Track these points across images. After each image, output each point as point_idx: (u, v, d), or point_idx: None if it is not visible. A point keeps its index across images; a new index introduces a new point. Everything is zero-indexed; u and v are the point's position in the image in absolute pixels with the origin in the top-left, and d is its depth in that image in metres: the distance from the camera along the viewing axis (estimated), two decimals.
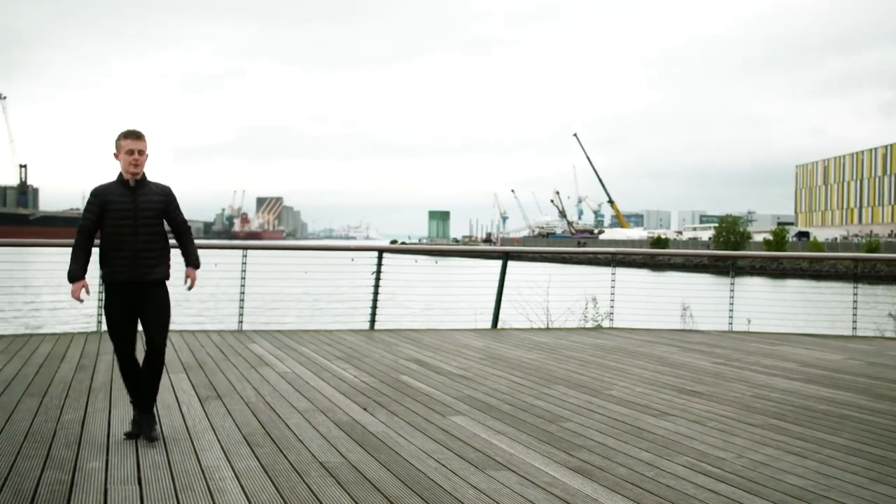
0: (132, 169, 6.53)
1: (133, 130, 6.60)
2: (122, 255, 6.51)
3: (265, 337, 12.88)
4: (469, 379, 9.53)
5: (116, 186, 6.57)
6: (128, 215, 6.50)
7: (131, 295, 6.59)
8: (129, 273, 6.54)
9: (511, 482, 5.57)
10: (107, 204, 6.49)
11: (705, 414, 7.88)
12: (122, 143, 6.53)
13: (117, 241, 6.50)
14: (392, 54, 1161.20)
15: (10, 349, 10.98)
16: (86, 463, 5.86)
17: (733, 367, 10.82)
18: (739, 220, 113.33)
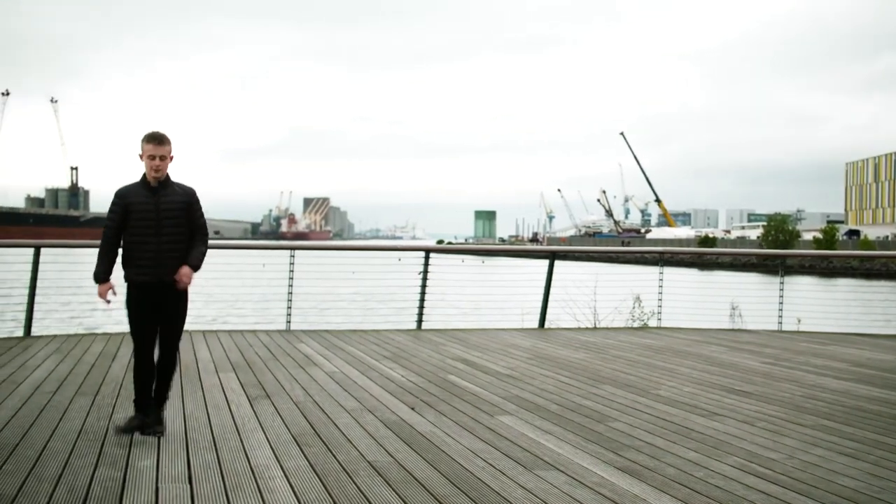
0: (153, 174, 6.59)
1: (156, 135, 6.62)
2: (145, 257, 6.57)
3: (313, 337, 12.95)
4: (516, 378, 9.52)
5: (139, 188, 6.62)
6: (150, 216, 6.56)
7: (153, 295, 6.65)
8: (151, 274, 6.60)
9: (559, 482, 5.56)
10: (129, 205, 6.55)
11: (755, 414, 7.81)
12: (145, 147, 6.58)
13: (140, 242, 6.56)
14: (438, 54, 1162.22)
15: (63, 349, 11.13)
16: (137, 461, 5.93)
17: (783, 367, 10.72)
18: (788, 219, 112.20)
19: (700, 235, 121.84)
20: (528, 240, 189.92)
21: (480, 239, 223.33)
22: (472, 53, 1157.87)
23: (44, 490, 5.23)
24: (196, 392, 8.43)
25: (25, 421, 7.07)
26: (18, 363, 9.96)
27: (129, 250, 6.60)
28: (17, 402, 7.79)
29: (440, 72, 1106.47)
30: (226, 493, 5.25)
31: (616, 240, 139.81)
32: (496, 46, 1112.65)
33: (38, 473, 5.59)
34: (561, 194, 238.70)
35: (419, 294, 14.86)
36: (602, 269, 23.46)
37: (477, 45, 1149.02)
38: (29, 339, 12.27)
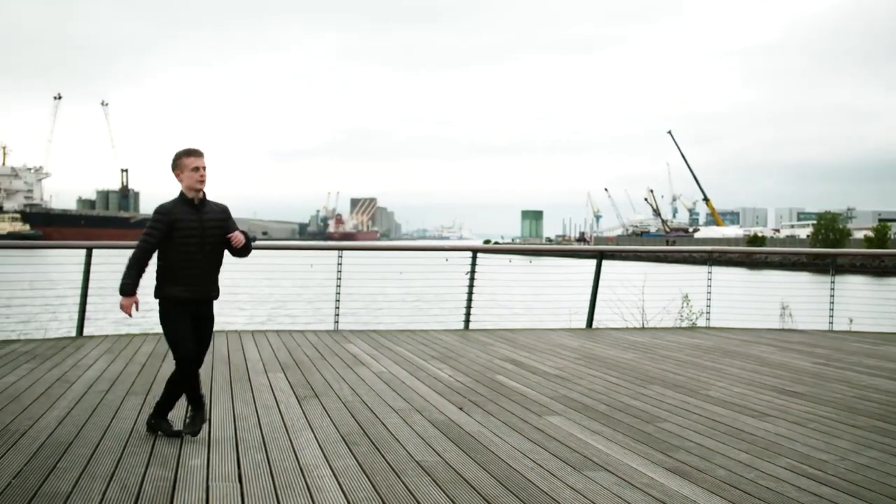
0: (198, 185, 6.59)
1: (194, 149, 6.66)
2: (194, 274, 6.60)
3: (361, 337, 12.99)
4: (564, 379, 9.50)
5: (182, 206, 6.61)
6: (195, 234, 6.57)
7: (193, 311, 6.68)
8: (197, 291, 6.64)
9: (608, 483, 5.54)
10: (175, 223, 6.54)
11: (806, 415, 7.74)
12: (186, 161, 6.58)
13: (187, 259, 6.56)
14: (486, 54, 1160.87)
15: (114, 349, 11.26)
16: (188, 460, 5.99)
17: (834, 368, 10.60)
18: (839, 217, 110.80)
19: (749, 234, 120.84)
20: (574, 239, 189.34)
21: (527, 239, 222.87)
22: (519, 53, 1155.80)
23: (97, 488, 5.29)
24: (245, 392, 8.50)
25: (79, 419, 7.17)
26: (71, 363, 10.09)
27: (175, 268, 6.58)
28: (70, 401, 7.90)
29: (488, 72, 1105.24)
30: (275, 492, 5.28)
31: (663, 239, 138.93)
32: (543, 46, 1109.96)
33: (91, 471, 5.66)
34: (608, 194, 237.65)
35: (467, 294, 14.86)
36: (650, 269, 23.36)
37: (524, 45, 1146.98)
38: (81, 338, 12.43)
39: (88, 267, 13.17)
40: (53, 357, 10.47)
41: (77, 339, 12.28)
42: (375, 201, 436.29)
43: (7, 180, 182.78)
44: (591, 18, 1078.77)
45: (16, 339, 12.29)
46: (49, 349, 11.13)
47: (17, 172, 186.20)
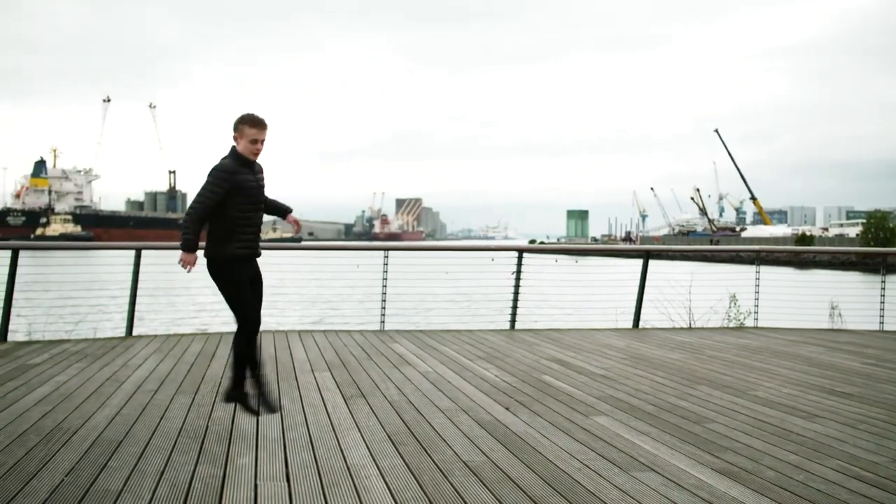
0: (253, 157, 6.82)
1: (259, 119, 6.82)
2: (250, 232, 6.83)
3: (407, 337, 13.02)
4: (611, 379, 9.46)
5: (240, 166, 6.77)
6: (255, 193, 6.81)
7: (249, 268, 6.90)
8: (252, 248, 6.87)
9: (655, 483, 5.52)
10: (240, 182, 6.70)
11: (856, 416, 7.65)
12: (248, 131, 6.75)
13: (246, 218, 6.78)
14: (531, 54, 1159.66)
15: (163, 348, 11.37)
16: (236, 458, 6.04)
17: (885, 368, 10.48)
18: (889, 216, 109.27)
19: (797, 233, 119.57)
20: (620, 239, 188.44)
21: (573, 238, 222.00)
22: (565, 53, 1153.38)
23: (147, 486, 5.35)
24: (292, 391, 8.55)
25: (129, 418, 7.25)
26: (121, 362, 10.21)
27: (233, 226, 6.75)
28: (120, 400, 7.99)
29: (534, 71, 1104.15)
30: (323, 491, 5.31)
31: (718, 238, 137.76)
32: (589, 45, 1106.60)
33: (141, 469, 5.73)
34: (654, 193, 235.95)
35: (512, 294, 14.85)
36: (697, 269, 23.15)
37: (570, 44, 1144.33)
38: (131, 338, 12.56)
39: (138, 267, 13.32)
40: (103, 357, 10.60)
41: (126, 339, 12.42)
42: (421, 201, 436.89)
43: (58, 182, 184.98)
44: (638, 17, 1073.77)
45: (67, 339, 12.45)
46: (99, 349, 11.27)
47: (67, 175, 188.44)
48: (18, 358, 10.44)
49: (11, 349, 11.22)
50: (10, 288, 12.37)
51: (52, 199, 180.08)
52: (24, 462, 5.87)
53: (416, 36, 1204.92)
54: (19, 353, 10.79)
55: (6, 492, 5.19)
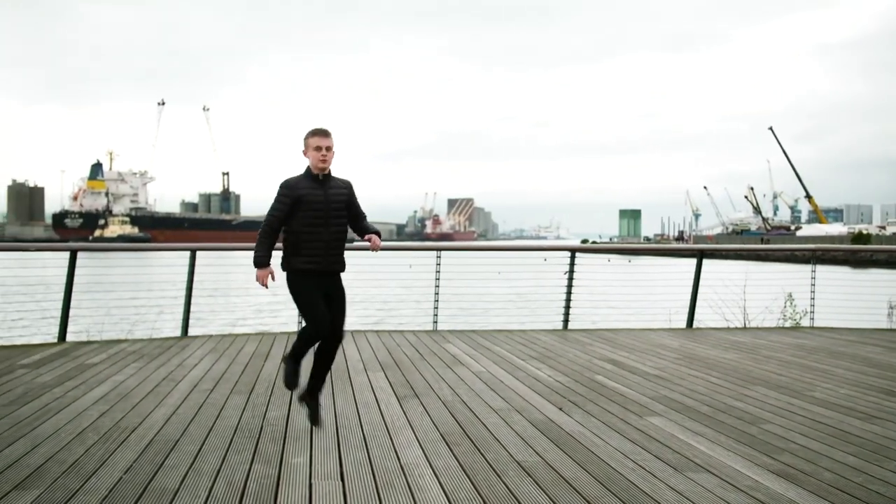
0: (321, 165, 6.81)
1: (321, 129, 6.86)
2: (317, 247, 6.78)
3: (460, 337, 13.03)
4: (665, 379, 9.40)
5: (306, 180, 6.83)
6: (320, 208, 6.77)
7: (322, 283, 6.87)
8: (321, 263, 6.82)
9: (711, 485, 5.47)
10: (300, 197, 6.74)
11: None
12: (310, 141, 6.81)
13: (310, 232, 6.76)
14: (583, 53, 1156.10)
15: (218, 348, 11.48)
16: (291, 458, 6.08)
17: None
18: None
19: (853, 232, 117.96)
20: (673, 238, 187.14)
21: (625, 238, 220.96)
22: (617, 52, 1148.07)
23: (203, 484, 5.41)
24: (346, 391, 8.59)
25: (185, 417, 7.33)
26: (177, 362, 10.32)
27: (298, 241, 6.79)
28: (177, 399, 8.08)
29: (586, 71, 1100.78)
30: (377, 490, 5.33)
31: (769, 237, 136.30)
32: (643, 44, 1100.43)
33: (197, 468, 5.78)
34: (707, 192, 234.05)
35: (565, 294, 14.80)
36: (751, 268, 22.97)
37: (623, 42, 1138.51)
38: (186, 338, 12.70)
39: (193, 268, 13.45)
40: (160, 356, 10.72)
41: (182, 339, 12.55)
42: (472, 201, 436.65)
43: (114, 185, 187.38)
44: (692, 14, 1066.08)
45: (124, 339, 12.61)
46: (156, 349, 11.40)
47: (123, 177, 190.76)
48: (77, 358, 10.60)
49: (70, 349, 11.38)
50: (69, 289, 12.55)
51: (110, 200, 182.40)
52: (83, 460, 5.96)
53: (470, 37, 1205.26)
54: (78, 353, 10.95)
55: (67, 489, 5.27)
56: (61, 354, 10.87)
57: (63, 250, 13.01)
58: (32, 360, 10.43)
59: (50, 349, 11.40)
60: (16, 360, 10.35)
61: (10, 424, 7.02)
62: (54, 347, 11.60)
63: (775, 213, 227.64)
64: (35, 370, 9.70)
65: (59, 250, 13.60)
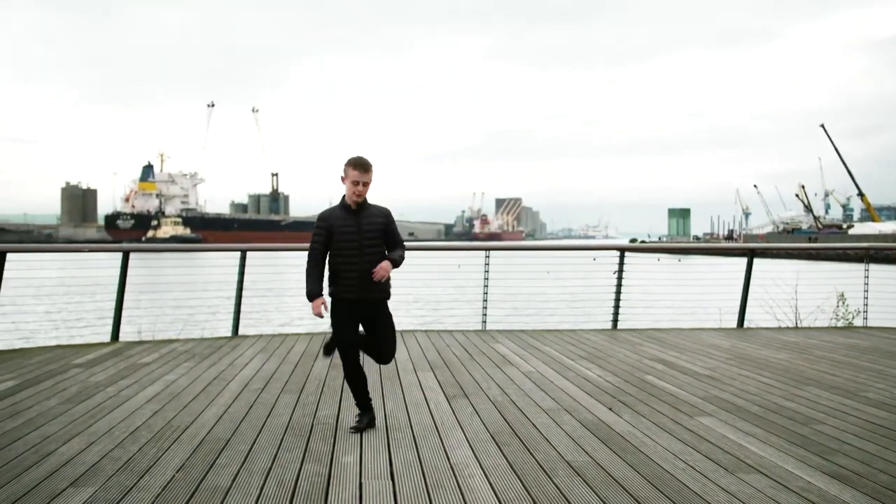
0: (355, 198, 6.84)
1: (362, 162, 6.84)
2: (351, 277, 6.82)
3: (509, 336, 13.02)
4: (715, 379, 9.33)
5: (340, 211, 6.89)
6: (353, 238, 6.81)
7: (359, 310, 6.92)
8: (357, 292, 6.85)
9: (763, 486, 5.43)
10: (332, 228, 6.82)
11: None
12: (349, 172, 6.82)
13: (345, 263, 6.82)
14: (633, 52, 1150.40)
15: (268, 348, 11.56)
16: (341, 457, 6.11)
17: None
18: None
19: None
20: (723, 237, 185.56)
21: (674, 237, 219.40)
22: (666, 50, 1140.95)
23: (255, 483, 5.45)
24: (396, 390, 8.62)
25: (236, 416, 7.39)
26: (228, 361, 10.41)
27: (336, 271, 6.87)
28: (228, 399, 8.15)
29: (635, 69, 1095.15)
30: (427, 490, 5.34)
31: (817, 236, 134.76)
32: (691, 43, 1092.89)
33: (249, 467, 5.83)
34: (757, 190, 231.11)
35: (614, 293, 14.74)
36: (802, 267, 22.72)
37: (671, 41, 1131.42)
38: (237, 338, 12.80)
39: (243, 269, 13.56)
40: (211, 356, 10.82)
41: (233, 339, 12.65)
42: (520, 201, 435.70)
43: (165, 186, 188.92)
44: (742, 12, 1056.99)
45: (175, 339, 12.73)
46: (206, 348, 11.51)
47: (173, 178, 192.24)
48: (130, 357, 10.72)
49: (123, 348, 11.52)
50: (122, 289, 12.70)
51: (162, 201, 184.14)
52: (136, 458, 6.04)
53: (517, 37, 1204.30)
54: (131, 353, 11.08)
55: (121, 486, 5.34)
56: (114, 354, 11.01)
57: (116, 251, 13.16)
58: (86, 359, 10.58)
59: (103, 349, 11.54)
60: (70, 360, 10.50)
61: (66, 423, 7.12)
62: (107, 347, 11.75)
63: (827, 211, 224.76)
64: (89, 369, 9.83)
65: (112, 251, 13.75)
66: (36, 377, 9.33)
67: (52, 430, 6.86)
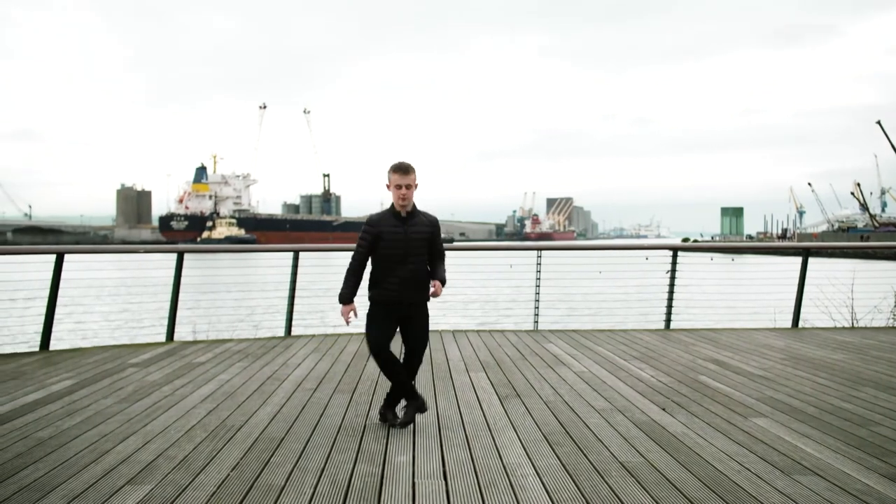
0: (400, 202, 6.89)
1: (402, 165, 6.90)
2: (393, 281, 6.88)
3: (561, 336, 12.98)
4: (770, 380, 9.24)
5: (389, 217, 6.93)
6: (399, 245, 6.86)
7: (397, 313, 6.96)
8: (397, 295, 6.89)
9: (820, 488, 5.36)
10: (380, 234, 6.86)
11: None
12: (392, 177, 6.90)
13: (389, 267, 6.87)
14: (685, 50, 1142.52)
15: (321, 348, 11.62)
16: (394, 457, 6.13)
17: None
18: None
19: None
20: (777, 236, 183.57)
21: (727, 236, 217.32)
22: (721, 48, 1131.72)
23: (309, 482, 5.48)
24: (448, 390, 8.63)
25: (290, 416, 7.44)
26: (281, 361, 10.48)
27: (378, 274, 6.93)
28: (281, 398, 8.21)
29: (687, 68, 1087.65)
30: (480, 490, 5.34)
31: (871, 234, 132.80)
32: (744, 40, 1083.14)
33: (302, 466, 5.87)
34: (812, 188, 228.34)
35: (667, 293, 14.64)
36: (859, 266, 22.43)
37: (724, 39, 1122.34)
38: (290, 338, 12.88)
39: (296, 269, 13.65)
40: (264, 356, 10.90)
41: (286, 339, 12.74)
42: (572, 201, 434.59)
43: (218, 187, 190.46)
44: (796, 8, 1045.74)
45: (229, 339, 12.85)
46: (260, 348, 11.60)
47: (226, 180, 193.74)
48: (184, 357, 10.83)
49: (178, 348, 11.64)
50: (176, 289, 12.83)
51: (216, 203, 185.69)
52: (192, 457, 6.10)
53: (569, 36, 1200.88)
54: (185, 352, 11.19)
55: (177, 485, 5.40)
56: (169, 353, 11.13)
57: (171, 252, 13.31)
58: (142, 358, 10.71)
59: (158, 348, 11.67)
60: (126, 359, 10.63)
61: (123, 421, 7.21)
62: (162, 346, 11.88)
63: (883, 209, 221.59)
64: (144, 369, 9.95)
65: (167, 252, 13.91)
66: (93, 376, 9.46)
67: (109, 429, 6.95)
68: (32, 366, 10.25)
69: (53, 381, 9.15)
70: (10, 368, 10.05)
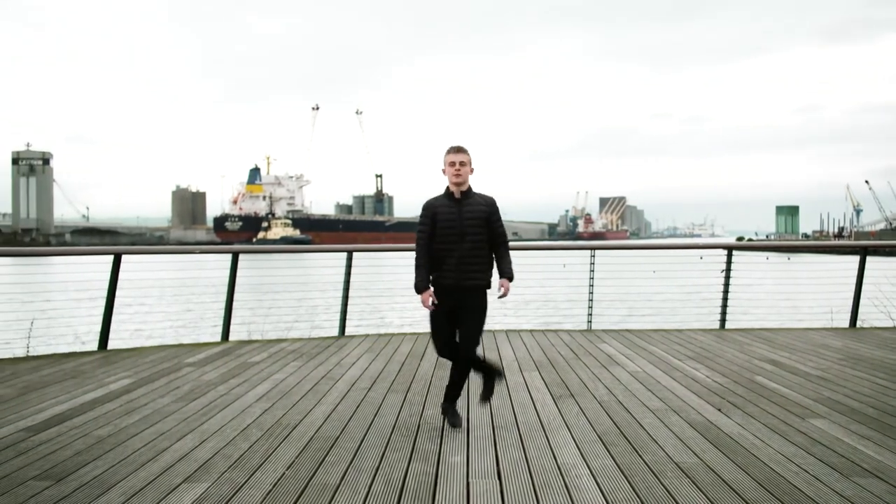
0: (455, 179, 6.93)
1: (455, 146, 7.01)
2: (450, 263, 6.89)
3: (614, 336, 12.92)
4: (827, 380, 9.13)
5: (443, 199, 6.99)
6: (454, 225, 6.88)
7: (454, 297, 6.96)
8: (453, 278, 6.90)
9: (880, 491, 5.29)
10: (435, 215, 6.91)
11: None
12: (446, 158, 6.97)
13: (446, 249, 6.89)
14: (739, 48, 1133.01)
15: (374, 348, 11.67)
16: (448, 457, 6.13)
17: None
18: None
19: None
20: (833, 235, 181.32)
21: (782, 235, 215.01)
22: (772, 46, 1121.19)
23: (363, 481, 5.51)
24: (502, 390, 8.61)
25: (344, 415, 7.48)
26: (335, 361, 10.53)
27: (436, 256, 6.95)
28: (335, 398, 8.25)
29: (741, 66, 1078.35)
30: (534, 490, 5.33)
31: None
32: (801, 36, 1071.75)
33: (357, 465, 5.89)
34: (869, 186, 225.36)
35: (722, 292, 14.51)
36: None
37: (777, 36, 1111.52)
38: (343, 338, 12.95)
39: (349, 269, 13.71)
40: (318, 356, 10.97)
41: (339, 339, 12.81)
42: (625, 200, 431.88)
43: (272, 188, 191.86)
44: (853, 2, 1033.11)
45: (284, 339, 12.94)
46: (314, 348, 11.67)
47: (280, 180, 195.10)
48: (240, 356, 10.93)
49: (233, 348, 11.75)
50: (231, 289, 12.95)
51: (270, 203, 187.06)
52: (248, 455, 6.15)
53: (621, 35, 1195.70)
54: (241, 352, 11.29)
55: (233, 483, 5.45)
56: (225, 353, 11.23)
57: (226, 252, 13.43)
58: (198, 358, 10.82)
59: (214, 348, 11.79)
60: (183, 359, 10.74)
61: (179, 420, 7.29)
62: (218, 346, 12.00)
63: None
64: (200, 368, 10.05)
65: (222, 252, 14.04)
66: (150, 375, 9.58)
67: (166, 427, 7.03)
68: (91, 365, 10.40)
69: (112, 380, 9.28)
70: (69, 367, 10.21)
